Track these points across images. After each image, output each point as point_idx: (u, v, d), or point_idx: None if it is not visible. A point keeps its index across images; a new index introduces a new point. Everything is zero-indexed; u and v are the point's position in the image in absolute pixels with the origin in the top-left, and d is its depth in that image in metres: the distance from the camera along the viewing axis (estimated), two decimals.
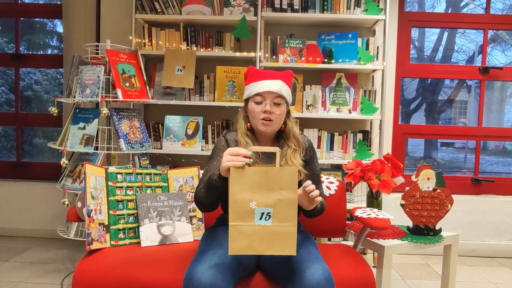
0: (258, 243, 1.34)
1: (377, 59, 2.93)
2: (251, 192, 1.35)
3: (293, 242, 1.35)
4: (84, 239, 1.71)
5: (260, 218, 1.35)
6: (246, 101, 1.68)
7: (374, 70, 3.00)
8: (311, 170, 1.70)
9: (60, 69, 3.46)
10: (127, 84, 2.50)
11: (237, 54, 2.92)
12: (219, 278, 1.32)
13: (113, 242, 1.80)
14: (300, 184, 1.47)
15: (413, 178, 2.04)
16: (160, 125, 2.98)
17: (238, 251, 1.34)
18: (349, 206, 2.38)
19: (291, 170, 1.36)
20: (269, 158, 1.67)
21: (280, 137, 1.70)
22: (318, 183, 1.71)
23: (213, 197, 1.53)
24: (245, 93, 1.69)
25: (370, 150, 2.91)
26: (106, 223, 1.80)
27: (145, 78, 2.65)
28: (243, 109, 1.72)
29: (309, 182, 1.44)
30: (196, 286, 1.30)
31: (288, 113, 1.69)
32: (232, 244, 1.33)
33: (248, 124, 1.68)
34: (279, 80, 1.62)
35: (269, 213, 1.35)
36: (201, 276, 1.31)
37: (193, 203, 2.02)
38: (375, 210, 1.91)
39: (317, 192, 1.43)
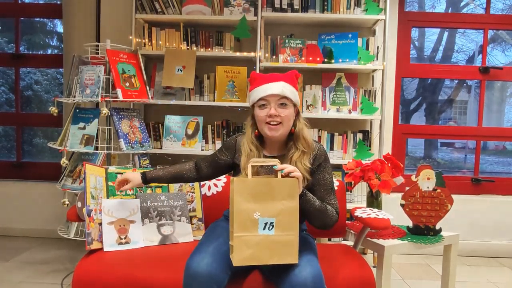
0: (261, 253, 1.36)
1: (377, 59, 2.93)
2: (254, 202, 1.37)
3: (295, 250, 1.38)
4: (84, 239, 1.71)
5: (264, 228, 1.37)
6: (253, 107, 1.63)
7: (374, 70, 3.00)
8: (318, 179, 1.60)
9: (60, 69, 3.46)
10: (127, 84, 2.50)
11: (237, 54, 2.92)
12: (214, 267, 1.37)
13: None
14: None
15: (413, 178, 2.04)
16: (160, 125, 2.98)
17: (242, 262, 1.36)
18: (349, 206, 2.38)
19: (292, 180, 1.39)
20: (272, 167, 1.61)
21: (289, 139, 1.62)
22: (328, 193, 1.61)
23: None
24: (249, 99, 1.64)
25: (370, 150, 2.91)
26: None
27: (145, 78, 2.65)
28: (251, 116, 1.67)
29: (280, 165, 1.42)
30: (193, 275, 1.37)
31: (297, 114, 1.63)
32: (237, 254, 1.35)
33: (256, 131, 1.63)
34: (281, 82, 1.56)
35: (272, 222, 1.37)
36: (197, 265, 1.37)
37: (193, 203, 2.02)
38: (375, 210, 1.91)
39: (286, 168, 1.40)
